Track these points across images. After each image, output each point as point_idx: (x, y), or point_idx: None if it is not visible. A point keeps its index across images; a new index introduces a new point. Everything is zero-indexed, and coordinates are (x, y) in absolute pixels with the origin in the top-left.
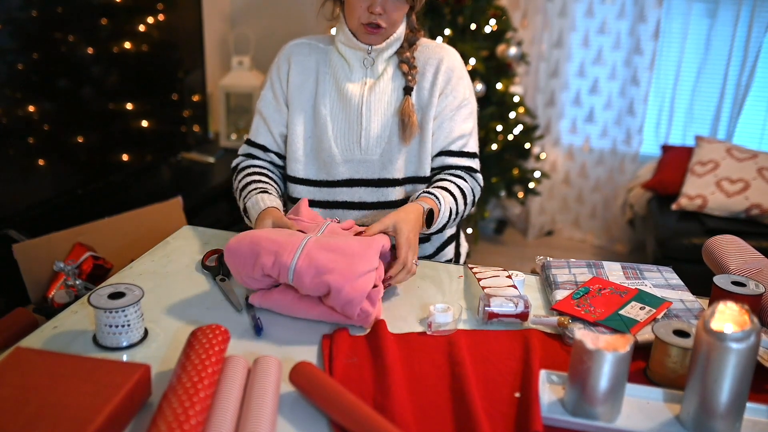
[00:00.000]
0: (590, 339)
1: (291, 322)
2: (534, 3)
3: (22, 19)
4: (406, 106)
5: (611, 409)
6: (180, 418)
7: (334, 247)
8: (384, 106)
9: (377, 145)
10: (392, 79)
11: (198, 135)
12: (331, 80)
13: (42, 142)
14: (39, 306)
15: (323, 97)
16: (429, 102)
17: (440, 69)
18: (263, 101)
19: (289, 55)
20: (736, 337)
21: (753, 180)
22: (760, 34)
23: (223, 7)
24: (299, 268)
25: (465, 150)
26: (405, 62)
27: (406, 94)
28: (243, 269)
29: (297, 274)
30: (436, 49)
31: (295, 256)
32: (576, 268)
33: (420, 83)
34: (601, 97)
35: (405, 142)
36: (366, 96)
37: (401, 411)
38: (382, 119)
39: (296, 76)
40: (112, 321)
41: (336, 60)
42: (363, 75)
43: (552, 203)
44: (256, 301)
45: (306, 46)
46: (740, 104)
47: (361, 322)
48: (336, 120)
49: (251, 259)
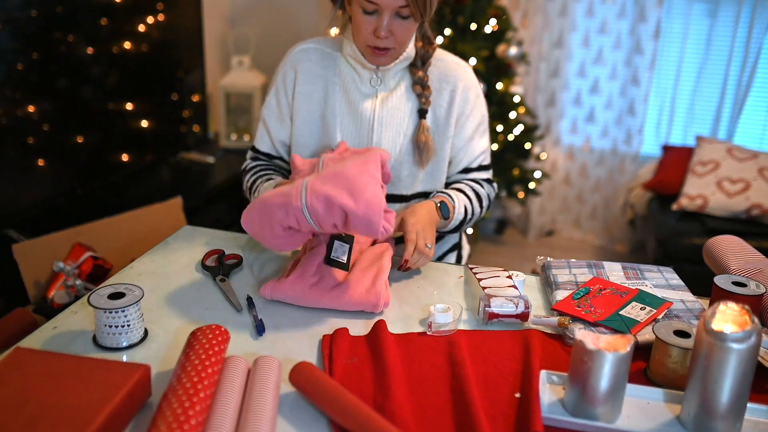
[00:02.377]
0: (590, 339)
1: (291, 322)
2: (534, 3)
3: (22, 19)
4: (421, 131)
5: (611, 410)
6: (180, 418)
7: (333, 175)
8: (396, 122)
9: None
10: (406, 94)
11: (198, 135)
12: (341, 90)
13: (42, 142)
14: (39, 306)
15: (332, 108)
16: (446, 123)
17: (457, 90)
18: (267, 109)
19: (296, 62)
20: (737, 337)
21: (753, 180)
22: (760, 34)
23: (223, 7)
24: (310, 205)
25: (483, 164)
26: (418, 83)
27: (420, 118)
28: (264, 233)
29: (311, 211)
30: (451, 66)
31: (302, 195)
32: (576, 269)
33: (436, 101)
34: (601, 97)
35: (422, 167)
36: (378, 110)
37: (401, 411)
38: (393, 136)
39: (303, 85)
40: (112, 321)
41: (345, 69)
42: (374, 87)
43: (552, 203)
44: (267, 293)
45: (313, 52)
46: (741, 104)
47: (374, 299)
48: (346, 132)
49: (267, 220)
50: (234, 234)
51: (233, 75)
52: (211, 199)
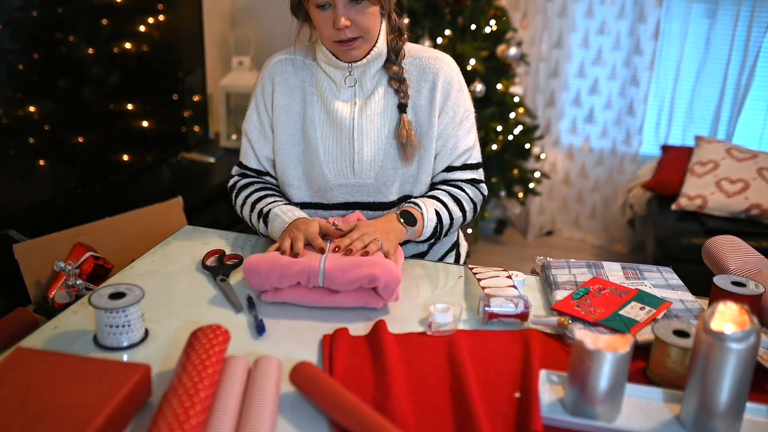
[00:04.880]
0: (590, 339)
1: (292, 322)
2: (534, 3)
3: (23, 19)
4: (402, 126)
5: (611, 409)
6: (180, 418)
7: (350, 259)
8: (377, 128)
9: (371, 168)
10: (384, 98)
11: (198, 135)
12: (319, 100)
13: (42, 142)
14: (39, 306)
15: (312, 120)
16: (429, 122)
17: (437, 85)
18: (249, 124)
19: (273, 74)
20: (736, 337)
21: (753, 180)
22: (759, 34)
23: (223, 7)
24: (328, 269)
25: (468, 162)
26: (394, 78)
27: (401, 112)
28: (267, 281)
29: (327, 276)
30: (430, 61)
31: (321, 260)
32: (576, 269)
33: (415, 100)
34: (601, 97)
35: (407, 162)
36: (357, 118)
37: (401, 411)
38: (375, 142)
39: (281, 97)
40: (112, 321)
41: (322, 78)
42: (352, 94)
43: (552, 203)
44: (269, 298)
45: (290, 63)
46: (740, 104)
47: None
48: (327, 143)
49: (275, 271)
50: (235, 234)
51: (234, 75)
52: (212, 199)
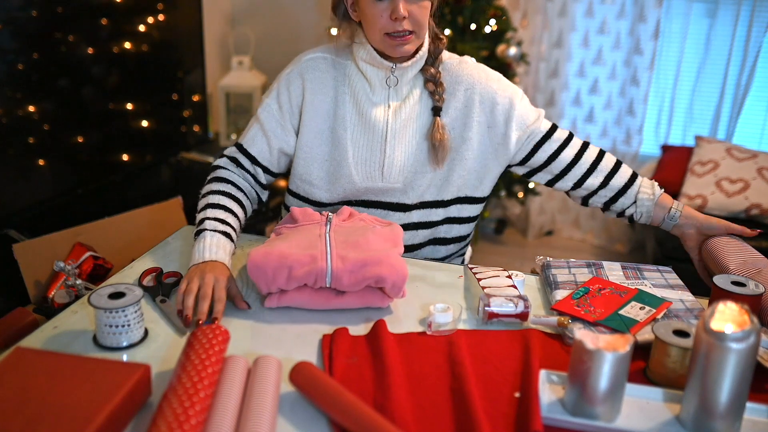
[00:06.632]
0: (590, 339)
1: (291, 322)
2: (534, 3)
3: (22, 19)
4: (436, 129)
5: (611, 409)
6: (180, 418)
7: (356, 245)
8: (410, 133)
9: (400, 173)
10: (419, 102)
11: (198, 135)
12: (352, 101)
13: (42, 141)
14: (39, 306)
15: (342, 120)
16: (464, 125)
17: (476, 93)
18: (266, 110)
19: (304, 71)
20: (736, 337)
21: (753, 180)
22: (760, 33)
23: (223, 7)
24: (336, 270)
25: (551, 129)
26: (431, 80)
27: (435, 115)
28: (274, 284)
29: (335, 277)
30: (461, 66)
31: (327, 260)
32: (576, 268)
33: (449, 103)
34: (601, 97)
35: (438, 165)
36: (391, 122)
37: (401, 411)
38: (407, 147)
39: (312, 95)
40: (112, 321)
41: (355, 78)
42: (386, 97)
43: (552, 203)
44: (273, 303)
45: (322, 61)
46: (740, 104)
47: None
48: (357, 145)
49: (283, 273)
50: None
51: (233, 75)
52: None
